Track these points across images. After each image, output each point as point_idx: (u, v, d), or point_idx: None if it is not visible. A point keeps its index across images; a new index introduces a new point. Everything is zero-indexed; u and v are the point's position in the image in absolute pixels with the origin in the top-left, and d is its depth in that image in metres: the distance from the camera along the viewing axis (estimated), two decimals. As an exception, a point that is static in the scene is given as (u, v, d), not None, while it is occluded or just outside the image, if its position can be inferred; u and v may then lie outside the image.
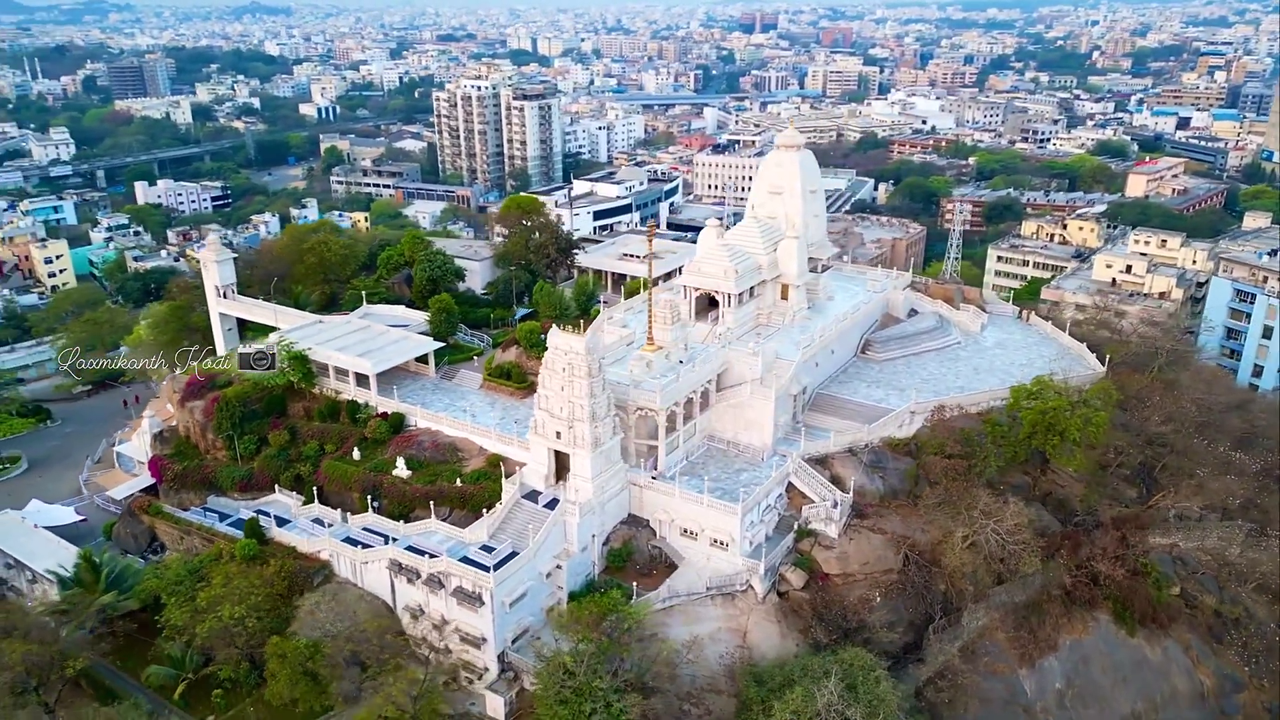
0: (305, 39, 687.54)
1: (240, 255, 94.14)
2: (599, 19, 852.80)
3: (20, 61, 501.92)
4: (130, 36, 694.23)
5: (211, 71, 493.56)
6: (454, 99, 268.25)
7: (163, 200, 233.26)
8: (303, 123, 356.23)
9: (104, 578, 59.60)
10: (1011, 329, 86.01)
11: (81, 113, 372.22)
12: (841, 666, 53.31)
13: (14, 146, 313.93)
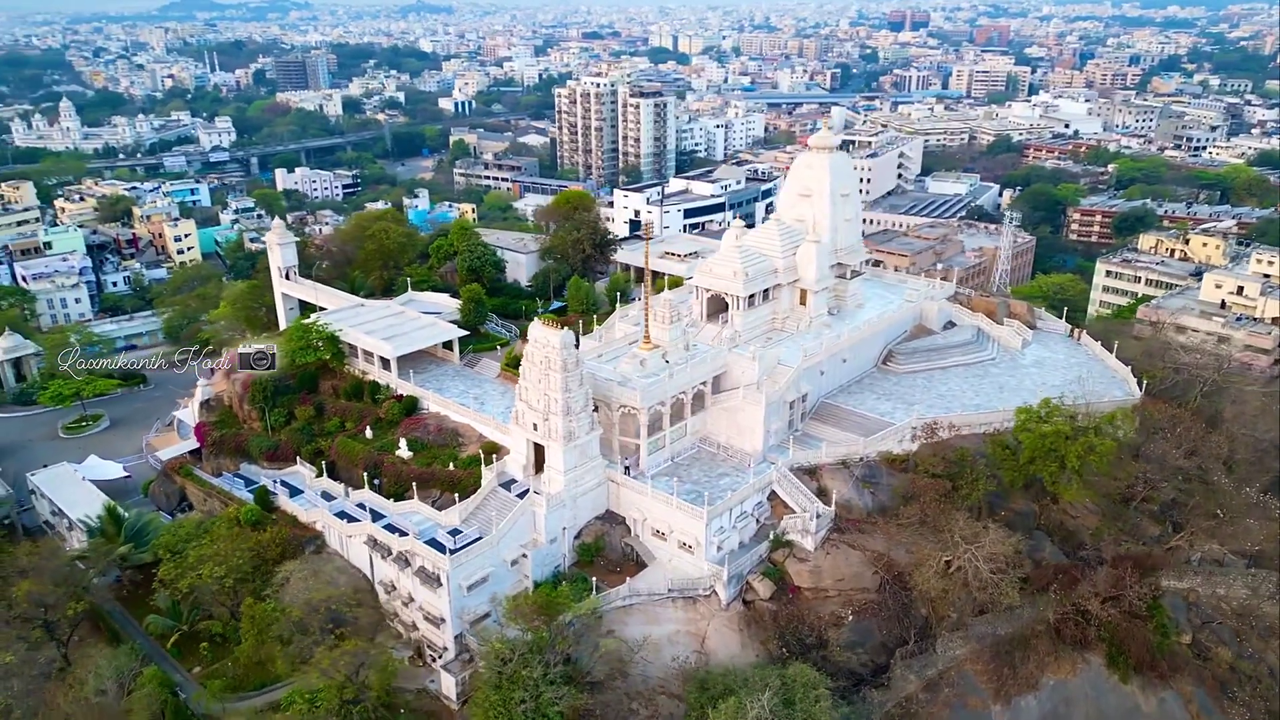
0: (460, 36, 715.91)
1: (308, 240, 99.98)
2: (746, 16, 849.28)
3: (202, 55, 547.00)
4: (304, 33, 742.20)
5: (368, 67, 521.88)
6: (574, 95, 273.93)
7: (299, 186, 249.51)
8: (439, 116, 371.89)
9: (124, 530, 65.38)
10: (1056, 348, 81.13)
11: (248, 104, 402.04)
12: (784, 681, 52.47)
13: (185, 133, 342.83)
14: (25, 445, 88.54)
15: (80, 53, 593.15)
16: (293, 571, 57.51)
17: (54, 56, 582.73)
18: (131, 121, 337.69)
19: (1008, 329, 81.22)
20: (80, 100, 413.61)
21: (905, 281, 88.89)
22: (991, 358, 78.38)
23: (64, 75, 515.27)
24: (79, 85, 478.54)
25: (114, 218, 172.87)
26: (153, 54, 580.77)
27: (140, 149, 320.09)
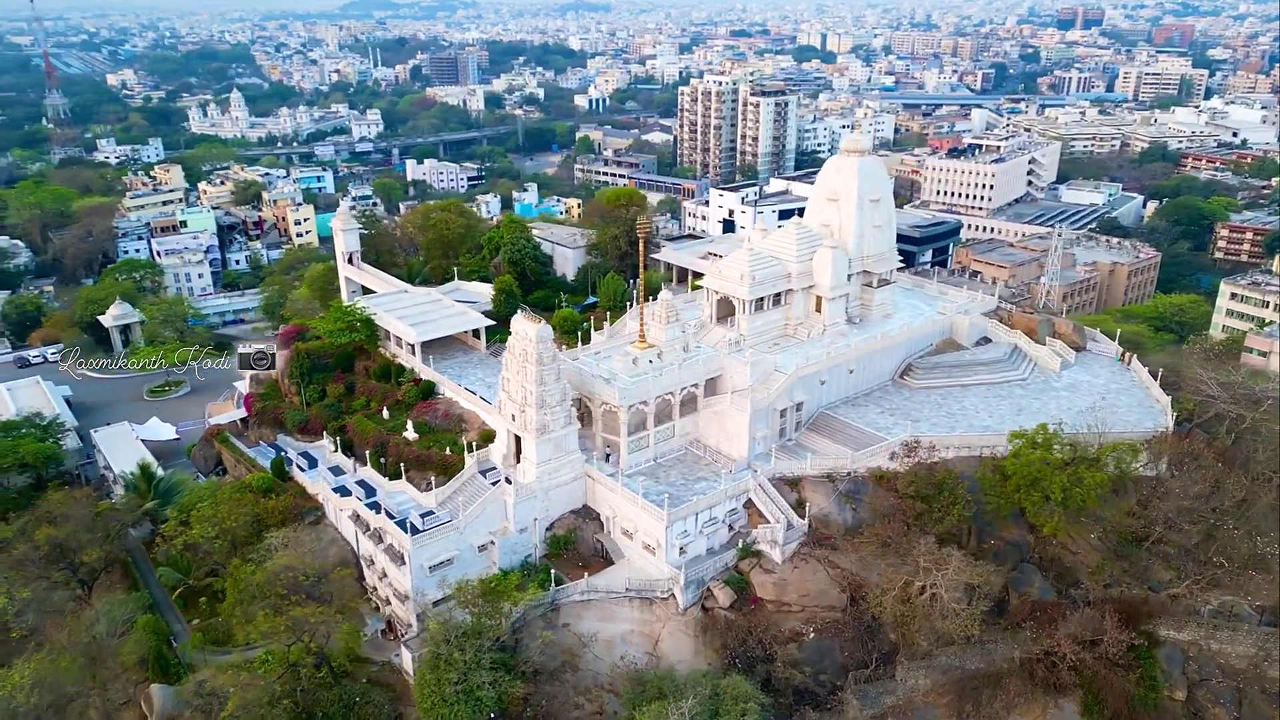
0: (611, 34, 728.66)
1: (377, 227, 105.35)
2: (907, 14, 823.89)
3: (368, 51, 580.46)
4: (465, 30, 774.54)
5: (517, 64, 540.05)
6: (695, 94, 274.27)
7: (426, 177, 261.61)
8: (573, 113, 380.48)
9: (154, 488, 71.42)
10: (1099, 372, 75.65)
11: (400, 98, 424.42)
12: (715, 691, 51.92)
13: (340, 125, 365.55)
14: (112, 405, 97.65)
15: (263, 48, 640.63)
16: (277, 538, 61.19)
17: (241, 51, 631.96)
18: (293, 113, 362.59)
19: (1046, 349, 76.37)
20: (256, 92, 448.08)
21: (946, 293, 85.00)
22: (1021, 378, 74.01)
23: (246, 68, 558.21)
24: (258, 78, 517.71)
25: (246, 201, 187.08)
26: (326, 50, 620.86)
27: (298, 138, 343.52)
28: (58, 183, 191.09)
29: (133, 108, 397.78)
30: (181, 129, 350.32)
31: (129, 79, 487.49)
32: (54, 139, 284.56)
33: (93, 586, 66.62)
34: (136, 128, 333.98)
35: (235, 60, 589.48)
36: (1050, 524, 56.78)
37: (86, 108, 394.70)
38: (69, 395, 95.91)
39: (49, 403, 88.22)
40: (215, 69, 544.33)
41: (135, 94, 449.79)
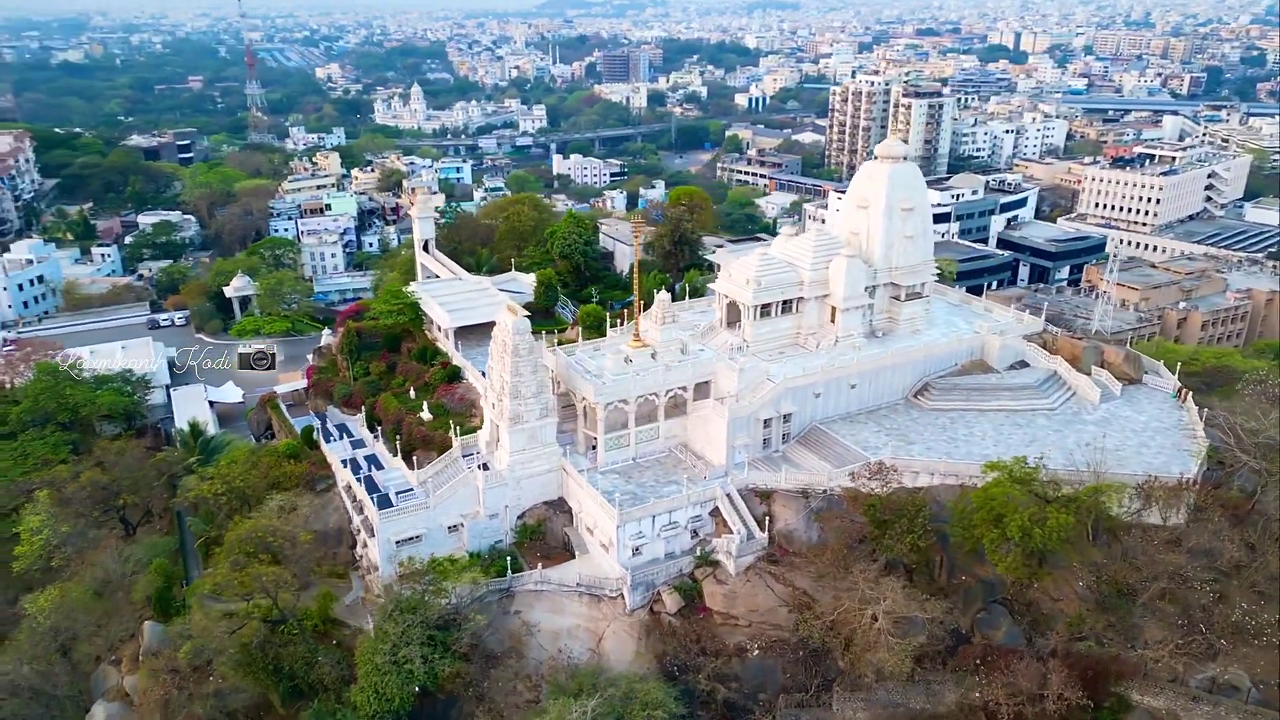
0: (791, 33, 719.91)
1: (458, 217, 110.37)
2: (1123, 11, 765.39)
3: (549, 48, 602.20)
4: (648, 28, 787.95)
5: (690, 62, 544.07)
6: (846, 94, 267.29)
7: (570, 171, 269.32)
8: (731, 112, 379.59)
9: (199, 446, 78.60)
10: (1145, 407, 68.68)
11: (569, 94, 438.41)
12: (627, 694, 51.85)
13: (509, 119, 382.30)
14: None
15: (458, 45, 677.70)
16: (276, 500, 65.94)
17: (438, 48, 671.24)
18: (467, 107, 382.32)
19: (1087, 379, 70.19)
20: (443, 86, 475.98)
21: (990, 310, 79.70)
22: (1050, 407, 68.47)
23: (439, 64, 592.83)
24: (447, 73, 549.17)
25: (388, 188, 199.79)
26: (512, 47, 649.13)
27: (467, 131, 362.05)
28: (234, 165, 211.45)
29: (330, 99, 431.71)
30: (368, 120, 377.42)
31: (334, 73, 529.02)
32: (252, 125, 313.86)
33: (136, 529, 74.23)
34: (327, 118, 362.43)
35: (431, 56, 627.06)
36: (1004, 564, 52.55)
37: (291, 98, 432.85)
38: (173, 356, 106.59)
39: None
40: (411, 64, 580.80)
41: (336, 86, 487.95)
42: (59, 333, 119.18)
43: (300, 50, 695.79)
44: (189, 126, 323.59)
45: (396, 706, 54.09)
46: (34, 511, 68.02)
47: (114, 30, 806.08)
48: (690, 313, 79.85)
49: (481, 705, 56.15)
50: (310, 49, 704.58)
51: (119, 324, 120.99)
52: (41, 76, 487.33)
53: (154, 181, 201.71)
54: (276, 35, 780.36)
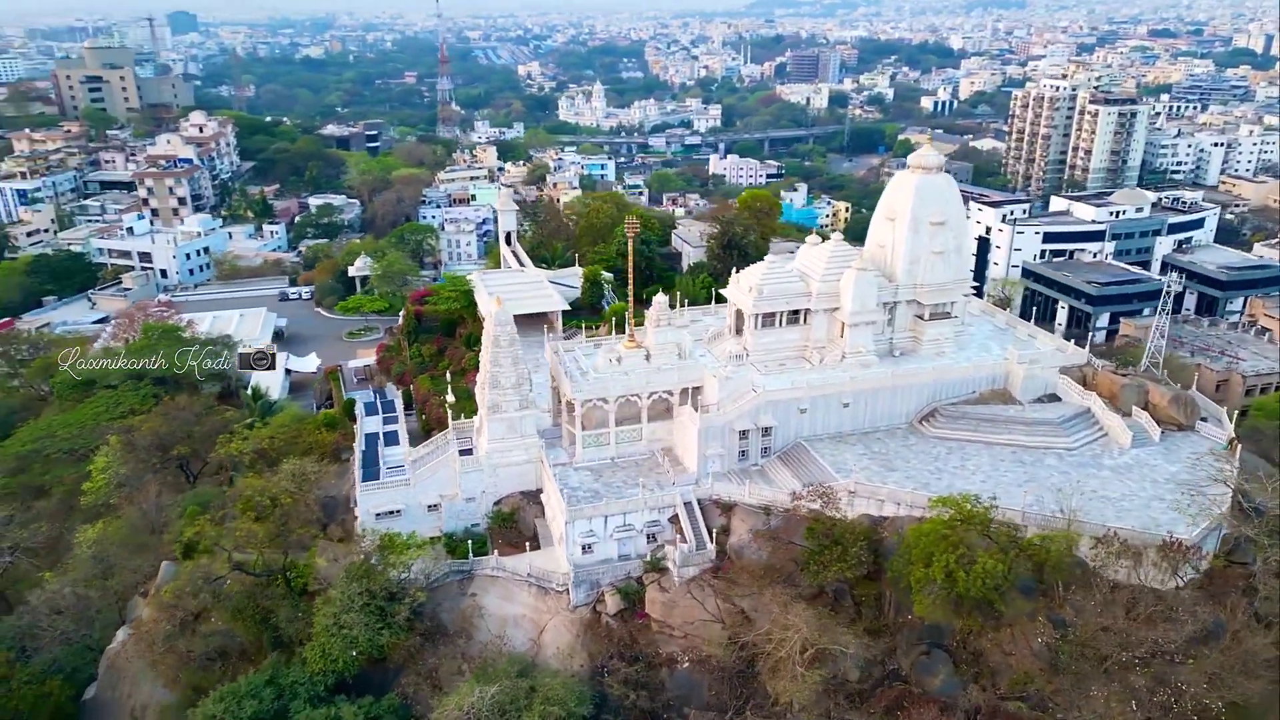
0: (1007, 33, 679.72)
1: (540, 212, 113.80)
2: None
3: (743, 48, 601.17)
4: (853, 28, 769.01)
5: (886, 63, 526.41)
6: (1027, 99, 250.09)
7: (726, 172, 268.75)
8: (913, 115, 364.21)
9: (259, 408, 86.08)
10: (1182, 457, 60.88)
11: (750, 94, 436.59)
12: (533, 687, 52.62)
13: (685, 119, 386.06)
14: (318, 339, 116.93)
15: (656, 44, 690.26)
16: (289, 466, 71.30)
17: (637, 47, 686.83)
18: (644, 106, 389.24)
19: (1120, 420, 63.20)
20: (632, 85, 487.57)
21: (1034, 337, 73.17)
22: (1067, 447, 62.24)
23: (634, 63, 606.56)
24: (641, 72, 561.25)
25: (533, 182, 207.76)
26: (709, 46, 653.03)
27: (641, 129, 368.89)
28: (402, 155, 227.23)
29: (523, 96, 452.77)
30: (552, 116, 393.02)
31: (534, 71, 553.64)
32: (441, 118, 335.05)
33: (196, 479, 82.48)
34: (515, 113, 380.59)
35: (629, 55, 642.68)
36: (922, 605, 48.61)
37: (489, 93, 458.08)
38: (282, 326, 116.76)
39: (258, 330, 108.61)
40: (607, 63, 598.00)
41: (533, 83, 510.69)
42: (205, 298, 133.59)
43: (511, 48, 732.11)
44: (393, 119, 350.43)
45: (340, 668, 57.38)
46: (105, 453, 77.26)
47: (355, 29, 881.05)
48: (714, 318, 78.67)
49: (424, 678, 58.60)
50: (521, 47, 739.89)
51: (255, 294, 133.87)
52: (283, 70, 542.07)
53: (332, 167, 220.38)
54: (493, 34, 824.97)
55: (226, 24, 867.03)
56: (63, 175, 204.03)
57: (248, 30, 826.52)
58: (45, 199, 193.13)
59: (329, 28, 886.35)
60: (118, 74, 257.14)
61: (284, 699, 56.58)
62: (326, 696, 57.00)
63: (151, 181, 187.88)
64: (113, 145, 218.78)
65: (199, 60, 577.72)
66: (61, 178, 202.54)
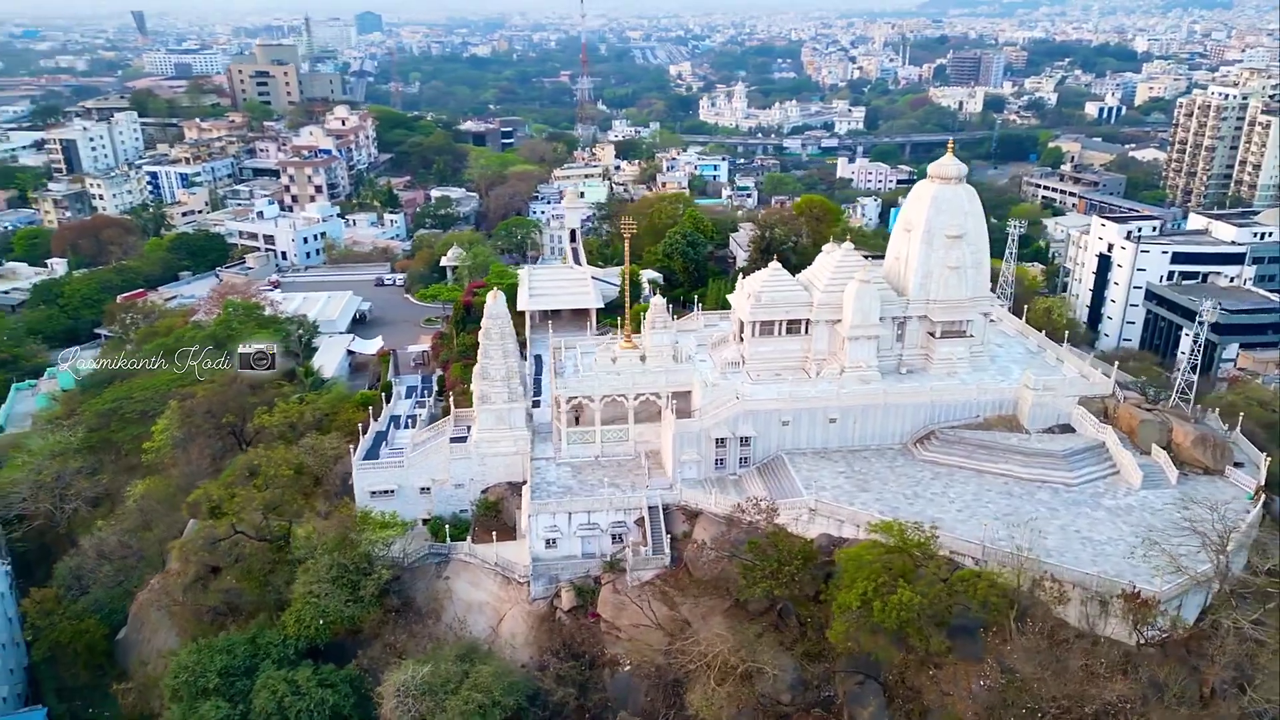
0: (1202, 35, 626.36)
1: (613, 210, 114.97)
2: None
3: (901, 49, 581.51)
4: (1030, 29, 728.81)
5: (1057, 65, 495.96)
6: (1191, 108, 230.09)
7: (854, 176, 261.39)
8: (1073, 121, 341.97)
9: (310, 383, 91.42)
10: (1194, 502, 54.95)
11: (900, 97, 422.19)
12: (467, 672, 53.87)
13: (826, 120, 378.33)
14: (396, 323, 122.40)
15: (815, 45, 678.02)
16: (308, 440, 75.57)
17: (794, 48, 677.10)
18: (785, 107, 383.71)
19: (1131, 458, 57.81)
20: (782, 86, 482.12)
21: (1062, 363, 67.77)
22: (1067, 482, 57.51)
23: (789, 64, 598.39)
24: (794, 73, 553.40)
25: (643, 181, 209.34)
26: (868, 48, 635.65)
27: (780, 131, 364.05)
28: (525, 152, 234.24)
29: (669, 95, 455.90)
30: (693, 116, 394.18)
31: (685, 71, 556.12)
32: (579, 117, 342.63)
33: (248, 445, 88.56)
34: (655, 113, 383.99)
35: (785, 55, 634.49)
36: (835, 631, 46.19)
37: (636, 93, 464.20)
38: (366, 309, 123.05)
39: (338, 312, 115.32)
40: (760, 63, 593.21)
41: (681, 83, 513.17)
42: (310, 279, 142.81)
43: (670, 48, 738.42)
44: (536, 116, 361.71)
45: (313, 635, 60.61)
46: (166, 416, 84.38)
47: (524, 29, 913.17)
48: (729, 323, 77.29)
49: (390, 653, 60.98)
50: (679, 47, 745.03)
51: (354, 278, 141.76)
52: (449, 67, 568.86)
53: (459, 161, 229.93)
54: (654, 34, 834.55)
55: (408, 24, 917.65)
56: (221, 162, 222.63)
57: (426, 30, 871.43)
58: (203, 183, 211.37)
59: (500, 27, 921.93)
60: (282, 70, 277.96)
61: (258, 658, 60.27)
62: (295, 660, 60.27)
63: (293, 170, 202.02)
64: (267, 136, 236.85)
65: (375, 58, 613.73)
66: (220, 164, 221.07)
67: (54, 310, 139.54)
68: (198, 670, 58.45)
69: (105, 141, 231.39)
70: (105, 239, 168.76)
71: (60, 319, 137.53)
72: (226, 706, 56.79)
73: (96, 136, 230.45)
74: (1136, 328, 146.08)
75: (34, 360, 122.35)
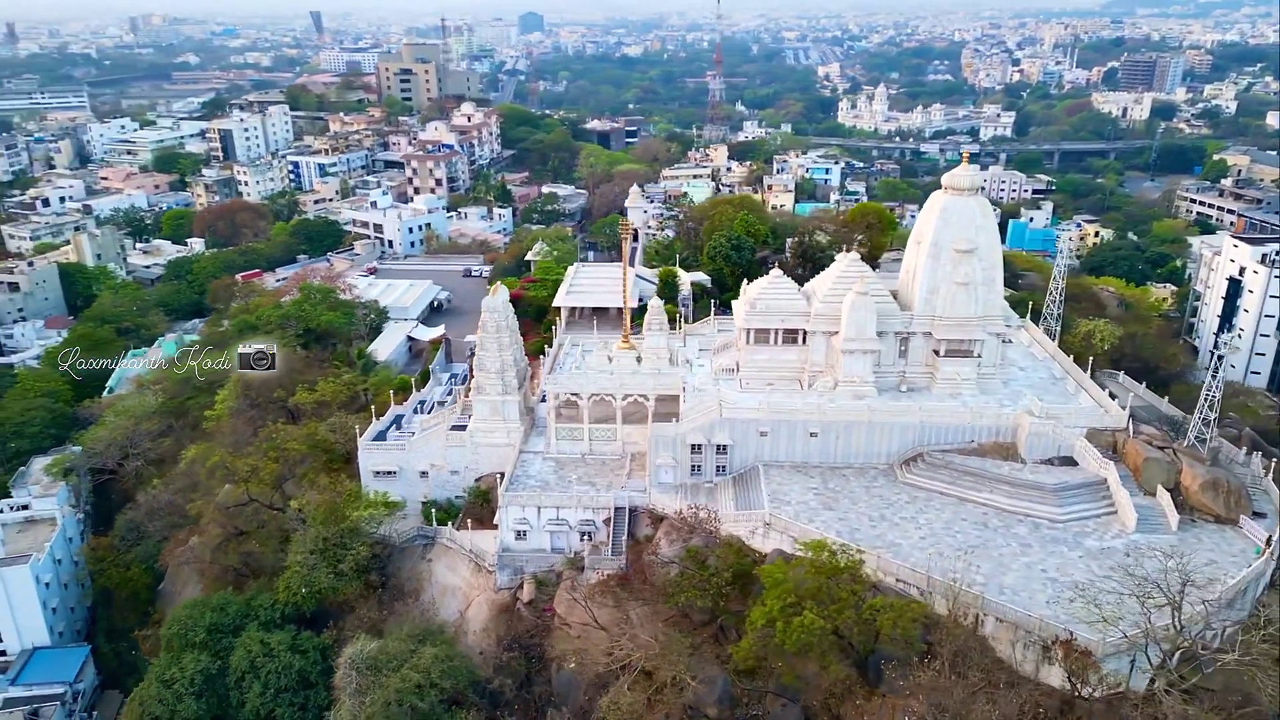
0: None
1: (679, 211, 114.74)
2: None
3: (1070, 51, 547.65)
4: (1221, 31, 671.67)
5: (1247, 71, 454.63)
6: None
7: (987, 185, 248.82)
8: (1249, 131, 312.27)
9: (361, 365, 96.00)
10: (1188, 551, 49.63)
11: (1058, 101, 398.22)
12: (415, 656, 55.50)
13: (972, 125, 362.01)
14: (471, 313, 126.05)
15: (977, 46, 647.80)
16: (334, 418, 79.36)
17: (955, 49, 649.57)
18: (928, 110, 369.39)
19: (1128, 498, 52.89)
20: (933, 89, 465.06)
21: (1082, 390, 62.51)
22: (1053, 518, 53.25)
23: (947, 65, 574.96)
24: (950, 75, 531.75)
25: (751, 183, 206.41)
26: (1035, 49, 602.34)
27: (921, 135, 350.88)
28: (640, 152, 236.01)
29: (811, 96, 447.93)
30: (831, 118, 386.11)
31: (832, 72, 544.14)
32: (709, 117, 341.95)
33: (297, 418, 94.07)
34: (791, 114, 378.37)
35: (944, 57, 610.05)
36: (740, 648, 44.51)
37: (779, 94, 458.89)
38: (444, 298, 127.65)
39: (414, 300, 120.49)
40: (915, 65, 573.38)
41: (828, 84, 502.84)
42: (405, 267, 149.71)
43: (823, 48, 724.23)
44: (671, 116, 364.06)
45: (299, 602, 64.07)
46: (227, 387, 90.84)
47: (680, 29, 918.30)
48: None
49: (366, 626, 63.56)
50: (833, 48, 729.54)
51: (444, 269, 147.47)
52: (599, 67, 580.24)
53: (575, 158, 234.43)
54: (809, 34, 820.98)
55: (569, 24, 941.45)
56: (356, 154, 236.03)
57: (584, 29, 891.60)
58: (338, 173, 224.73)
59: (656, 27, 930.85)
60: (424, 68, 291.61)
61: (247, 619, 64.19)
62: (280, 624, 63.92)
63: (415, 163, 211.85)
64: (400, 130, 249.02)
65: (528, 57, 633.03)
66: (354, 156, 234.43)
67: (182, 285, 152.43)
68: (189, 624, 62.89)
69: (258, 132, 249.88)
70: (239, 222, 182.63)
71: (187, 294, 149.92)
72: (207, 659, 60.87)
73: (251, 128, 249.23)
74: (1268, 360, 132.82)
75: (153, 330, 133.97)
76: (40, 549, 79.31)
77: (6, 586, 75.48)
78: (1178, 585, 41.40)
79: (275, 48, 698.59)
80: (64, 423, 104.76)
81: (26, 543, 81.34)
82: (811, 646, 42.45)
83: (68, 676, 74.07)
